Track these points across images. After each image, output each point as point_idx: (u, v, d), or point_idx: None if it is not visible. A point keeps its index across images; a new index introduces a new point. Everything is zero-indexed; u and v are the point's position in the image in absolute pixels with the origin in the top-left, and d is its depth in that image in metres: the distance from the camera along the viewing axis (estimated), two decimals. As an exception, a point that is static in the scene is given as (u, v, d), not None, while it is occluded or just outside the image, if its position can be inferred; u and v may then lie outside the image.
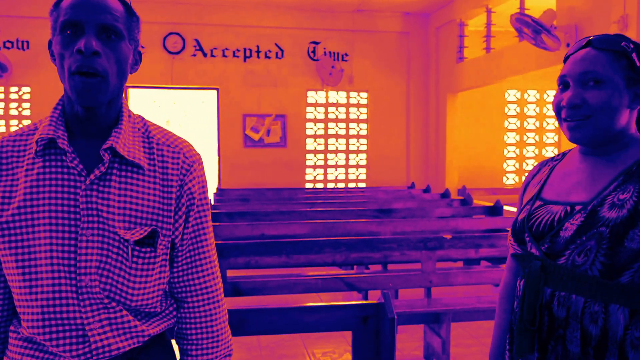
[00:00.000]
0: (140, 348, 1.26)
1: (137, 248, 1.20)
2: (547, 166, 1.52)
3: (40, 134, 1.18)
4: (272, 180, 8.94)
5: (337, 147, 9.45)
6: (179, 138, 1.32)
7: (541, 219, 1.39)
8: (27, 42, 8.25)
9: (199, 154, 1.33)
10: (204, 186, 1.32)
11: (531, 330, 1.34)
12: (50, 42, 1.23)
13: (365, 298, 4.85)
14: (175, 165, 1.26)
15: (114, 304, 1.20)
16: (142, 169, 1.22)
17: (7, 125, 8.50)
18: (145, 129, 1.29)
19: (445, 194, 7.04)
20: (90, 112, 1.19)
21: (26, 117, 8.48)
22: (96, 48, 1.13)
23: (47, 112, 1.52)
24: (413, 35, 9.37)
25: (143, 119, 1.32)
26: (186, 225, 1.28)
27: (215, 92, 8.92)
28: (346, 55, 9.17)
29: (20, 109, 8.49)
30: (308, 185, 9.26)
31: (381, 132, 9.42)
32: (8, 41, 8.21)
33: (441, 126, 8.93)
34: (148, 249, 1.21)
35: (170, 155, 1.27)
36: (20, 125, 8.57)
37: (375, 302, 2.44)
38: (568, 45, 5.60)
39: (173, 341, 1.43)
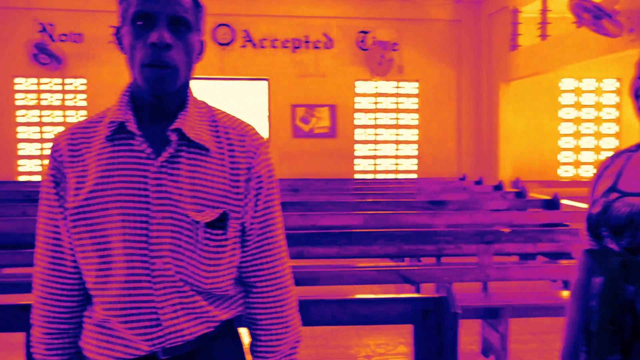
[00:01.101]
0: (212, 337, 1.26)
1: (209, 230, 1.20)
2: (621, 157, 1.44)
3: (111, 118, 1.21)
4: (320, 170, 8.94)
5: (386, 138, 9.37)
6: (244, 122, 1.32)
7: (619, 212, 1.32)
8: (81, 34, 8.47)
9: (264, 138, 1.33)
10: (271, 169, 1.31)
11: (612, 331, 1.28)
12: (117, 30, 1.24)
13: (418, 291, 4.79)
14: (242, 149, 1.26)
15: (187, 287, 1.20)
16: (209, 152, 1.23)
17: (64, 116, 8.77)
18: (211, 114, 1.30)
19: (499, 186, 6.88)
20: (159, 100, 1.21)
21: (82, 108, 8.72)
22: (168, 41, 1.15)
23: (103, 103, 1.56)
24: (464, 23, 9.17)
25: (207, 104, 1.32)
26: (255, 209, 1.28)
27: (265, 82, 8.97)
28: (395, 44, 9.06)
29: (75, 100, 8.74)
30: (357, 176, 9.22)
31: (432, 123, 9.29)
32: (63, 34, 8.44)
33: (493, 116, 8.73)
34: (219, 232, 1.21)
35: (237, 139, 1.27)
36: (78, 116, 8.84)
37: (436, 295, 2.39)
38: (632, 30, 5.36)
39: (240, 329, 1.43)
